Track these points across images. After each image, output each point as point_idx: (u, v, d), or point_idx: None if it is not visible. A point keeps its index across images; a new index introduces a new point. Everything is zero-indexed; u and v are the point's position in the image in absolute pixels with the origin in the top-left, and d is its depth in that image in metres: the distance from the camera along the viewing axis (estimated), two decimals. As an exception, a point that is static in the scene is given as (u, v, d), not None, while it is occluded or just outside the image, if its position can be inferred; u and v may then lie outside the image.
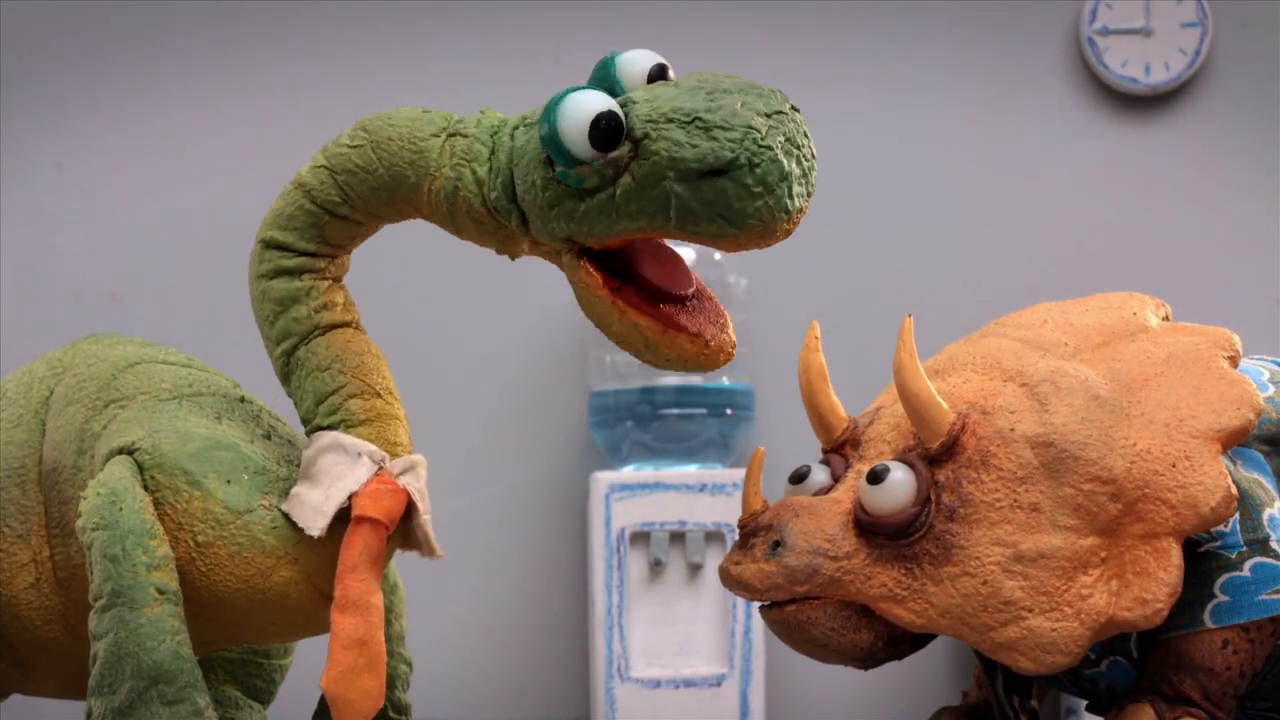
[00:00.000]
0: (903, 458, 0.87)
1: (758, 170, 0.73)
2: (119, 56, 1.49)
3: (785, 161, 0.74)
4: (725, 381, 1.38)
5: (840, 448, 0.94)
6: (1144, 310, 0.94)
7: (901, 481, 0.86)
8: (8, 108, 1.48)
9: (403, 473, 0.87)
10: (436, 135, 0.84)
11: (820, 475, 0.92)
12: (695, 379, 1.37)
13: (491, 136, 0.83)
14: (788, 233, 0.77)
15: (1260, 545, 0.87)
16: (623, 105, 0.76)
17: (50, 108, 1.49)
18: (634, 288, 0.79)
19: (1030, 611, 0.83)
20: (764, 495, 0.91)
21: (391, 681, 0.95)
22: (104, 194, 1.48)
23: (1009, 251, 1.50)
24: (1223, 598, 0.86)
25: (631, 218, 0.76)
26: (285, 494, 0.87)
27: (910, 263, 1.50)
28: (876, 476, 0.86)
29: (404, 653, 0.96)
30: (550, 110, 0.77)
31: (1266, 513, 0.88)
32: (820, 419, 0.95)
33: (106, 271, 1.47)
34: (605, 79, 0.79)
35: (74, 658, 0.93)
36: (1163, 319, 0.94)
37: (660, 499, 1.33)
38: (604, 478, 1.33)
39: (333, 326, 0.89)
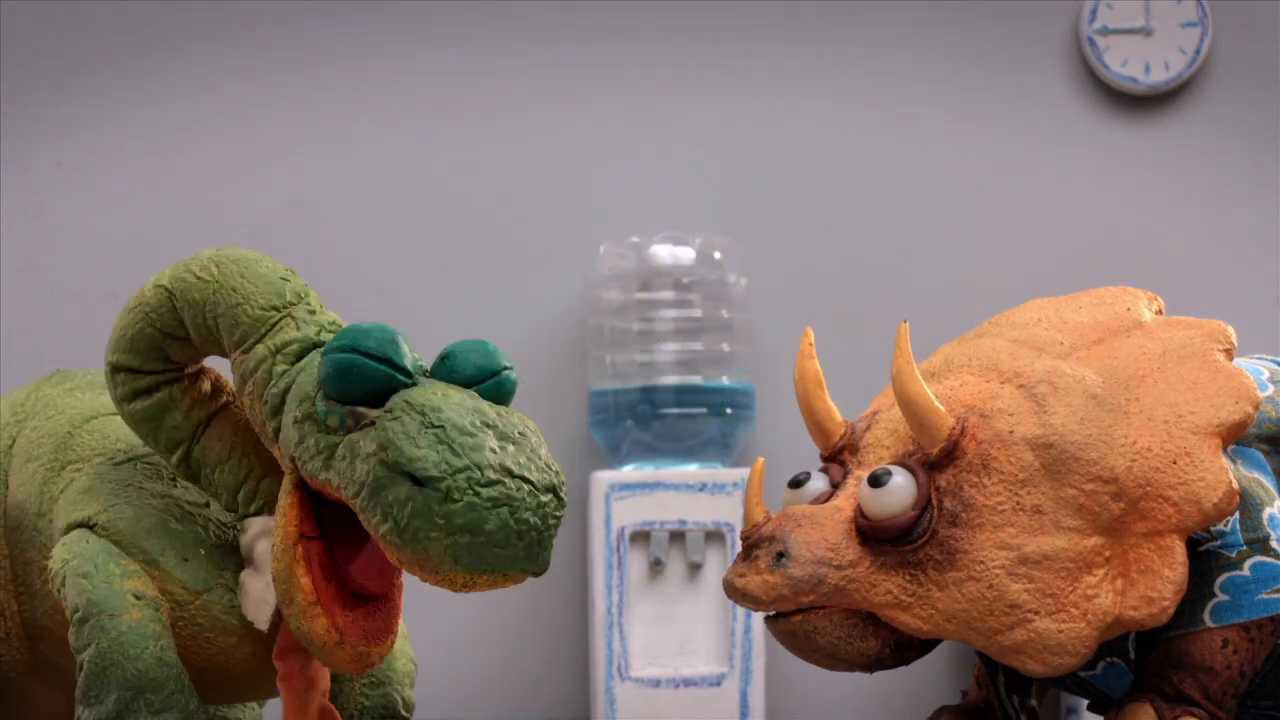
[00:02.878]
0: (902, 462, 0.87)
1: (450, 505, 0.72)
2: (119, 56, 1.49)
3: (486, 516, 0.72)
4: (725, 381, 1.38)
5: (839, 454, 0.93)
6: (1138, 305, 0.93)
7: (901, 486, 0.85)
8: (8, 108, 1.48)
9: None
10: (278, 309, 0.82)
11: (819, 482, 0.92)
12: (696, 378, 1.37)
13: (316, 346, 0.81)
14: (443, 581, 0.75)
15: (1260, 544, 0.86)
16: (415, 377, 0.77)
17: (50, 108, 1.48)
18: (326, 551, 0.78)
19: (1036, 614, 0.83)
20: (766, 506, 0.90)
21: (401, 679, 0.96)
22: (104, 194, 1.48)
23: (1009, 251, 1.50)
24: (1223, 597, 0.86)
25: (337, 474, 0.75)
26: (239, 567, 0.86)
27: (910, 262, 1.50)
28: (877, 480, 0.86)
29: (408, 650, 0.96)
30: (346, 336, 0.76)
31: (1266, 512, 0.87)
32: (818, 426, 0.94)
33: (106, 271, 1.47)
34: (442, 366, 0.79)
35: (55, 707, 0.93)
36: (1156, 312, 0.93)
37: (660, 498, 1.33)
38: (604, 477, 1.33)
39: (212, 416, 0.88)
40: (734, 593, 0.88)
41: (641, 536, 1.33)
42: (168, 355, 0.86)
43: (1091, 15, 1.49)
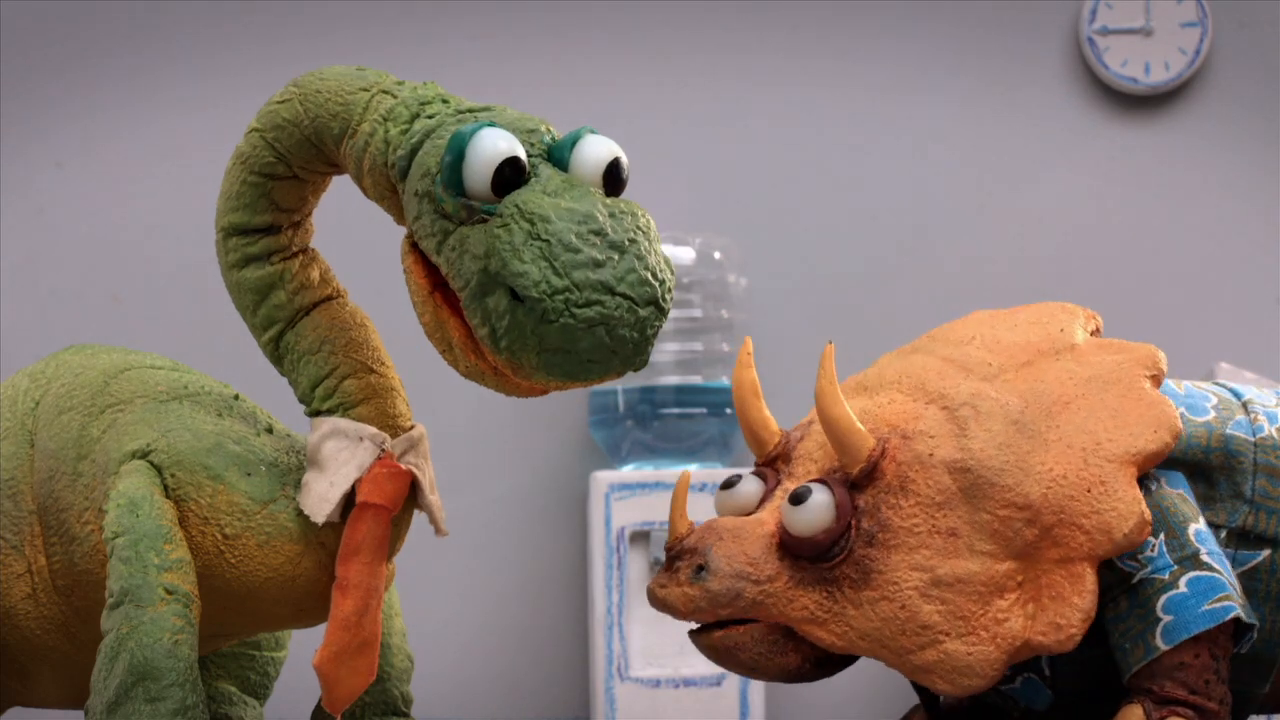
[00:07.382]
0: (825, 479, 0.88)
1: (546, 325, 0.72)
2: (119, 56, 1.49)
3: (581, 336, 0.72)
4: (725, 381, 1.38)
5: (772, 462, 0.94)
6: (1072, 325, 0.94)
7: (822, 504, 0.86)
8: (8, 108, 1.48)
9: (405, 453, 0.88)
10: (366, 90, 0.84)
11: (750, 485, 0.93)
12: (696, 378, 1.37)
13: (421, 104, 0.82)
14: (530, 390, 0.77)
15: (1191, 560, 0.86)
16: (533, 168, 0.76)
17: (50, 108, 1.49)
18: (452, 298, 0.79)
19: (947, 635, 0.84)
20: (690, 517, 0.92)
21: (399, 675, 0.96)
22: (104, 194, 1.48)
23: (1009, 251, 1.50)
24: (1167, 618, 0.86)
25: (446, 262, 0.76)
26: (298, 484, 0.87)
27: (910, 262, 1.50)
28: (798, 498, 0.87)
29: (406, 647, 0.96)
30: (476, 128, 0.77)
31: (1192, 528, 0.87)
32: (753, 434, 0.95)
33: (106, 272, 1.48)
34: (560, 148, 0.78)
35: (77, 665, 0.93)
36: (1092, 332, 0.94)
37: (660, 498, 1.33)
38: (604, 477, 1.34)
39: (314, 305, 0.90)
40: (656, 602, 0.89)
41: (641, 536, 1.33)
42: (275, 202, 0.89)
43: (1091, 15, 1.49)
